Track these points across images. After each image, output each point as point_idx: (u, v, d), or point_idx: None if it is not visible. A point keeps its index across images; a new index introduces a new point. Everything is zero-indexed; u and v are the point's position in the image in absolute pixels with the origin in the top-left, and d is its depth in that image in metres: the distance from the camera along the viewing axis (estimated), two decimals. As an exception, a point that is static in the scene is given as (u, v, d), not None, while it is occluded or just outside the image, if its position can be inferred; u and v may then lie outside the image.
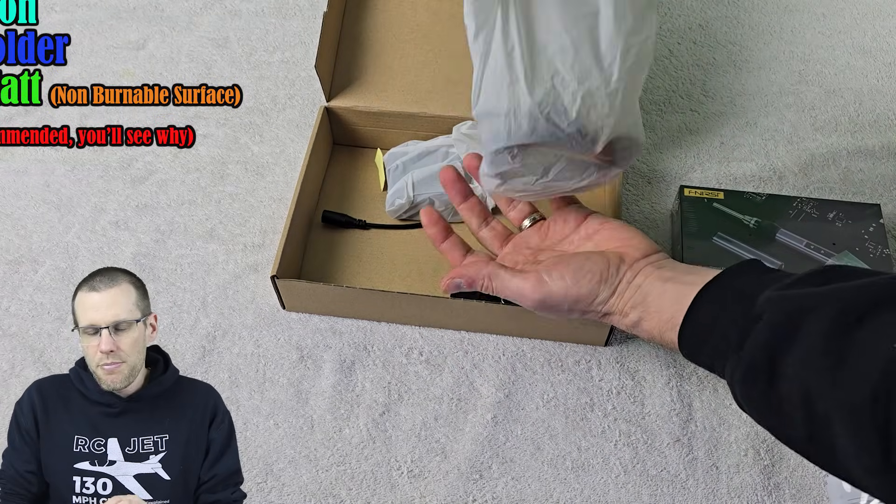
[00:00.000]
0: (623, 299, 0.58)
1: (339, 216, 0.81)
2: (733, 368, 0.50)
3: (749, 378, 0.48)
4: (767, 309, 0.49)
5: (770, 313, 0.48)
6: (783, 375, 0.46)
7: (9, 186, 0.86)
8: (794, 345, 0.46)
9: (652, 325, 0.57)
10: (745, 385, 0.49)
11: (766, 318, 0.48)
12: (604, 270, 0.59)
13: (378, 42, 0.85)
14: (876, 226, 0.75)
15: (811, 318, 0.46)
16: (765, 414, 0.49)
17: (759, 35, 0.98)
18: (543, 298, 0.59)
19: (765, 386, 0.47)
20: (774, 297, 0.49)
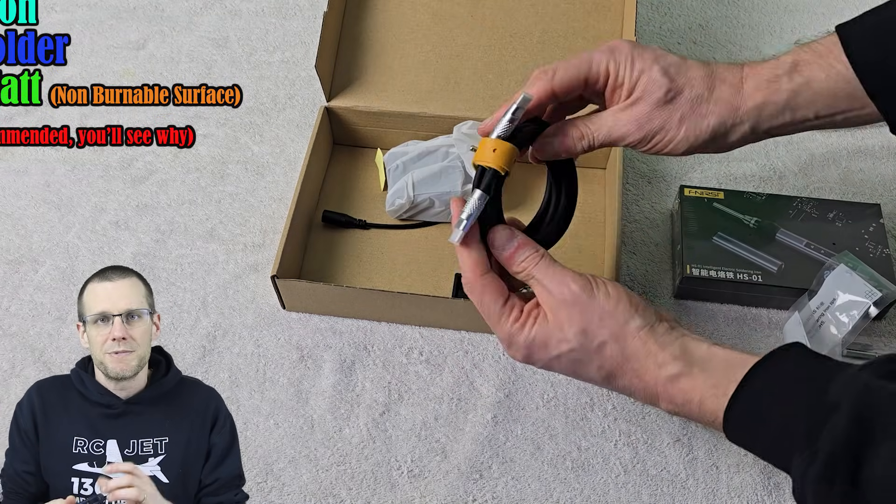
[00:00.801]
0: (661, 343, 0.52)
1: (339, 216, 0.81)
2: (806, 465, 0.44)
3: (826, 479, 0.42)
4: (846, 397, 0.43)
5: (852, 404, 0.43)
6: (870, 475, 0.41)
7: (9, 186, 0.86)
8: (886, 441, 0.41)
9: (694, 385, 0.51)
10: (821, 485, 0.43)
11: (847, 409, 0.43)
12: (644, 303, 0.54)
13: (378, 42, 0.85)
14: (876, 226, 0.75)
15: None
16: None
17: (759, 35, 0.98)
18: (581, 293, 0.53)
19: (846, 486, 0.42)
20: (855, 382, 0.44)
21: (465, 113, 0.81)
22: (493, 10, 0.85)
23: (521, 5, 0.85)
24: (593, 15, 0.85)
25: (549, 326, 0.54)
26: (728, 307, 0.77)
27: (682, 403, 0.52)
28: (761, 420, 0.48)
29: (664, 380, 0.52)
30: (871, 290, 0.68)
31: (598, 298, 0.53)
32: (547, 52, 0.83)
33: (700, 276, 0.73)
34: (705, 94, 0.55)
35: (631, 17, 0.80)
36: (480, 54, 0.84)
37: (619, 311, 0.53)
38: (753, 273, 0.73)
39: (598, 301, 0.53)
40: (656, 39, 0.98)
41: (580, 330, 0.53)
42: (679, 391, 0.51)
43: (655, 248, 0.81)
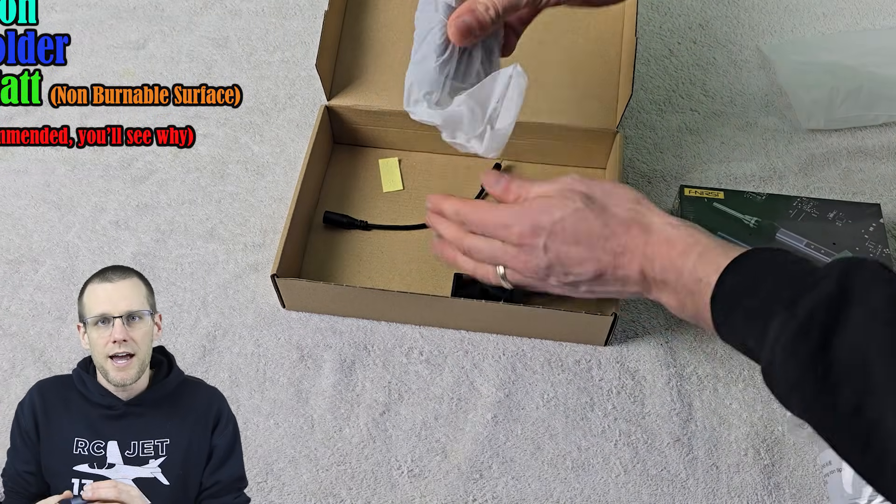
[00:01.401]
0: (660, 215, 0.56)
1: (340, 217, 0.81)
2: (782, 325, 0.45)
3: (800, 336, 0.43)
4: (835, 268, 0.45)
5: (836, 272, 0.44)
6: (840, 339, 0.42)
7: (9, 186, 0.86)
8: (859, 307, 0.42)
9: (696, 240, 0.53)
10: (792, 343, 0.44)
11: (835, 276, 0.44)
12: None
13: (379, 41, 0.85)
14: (876, 226, 0.75)
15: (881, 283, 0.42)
16: (802, 378, 0.43)
17: (759, 35, 0.99)
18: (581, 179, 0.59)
19: (815, 348, 0.43)
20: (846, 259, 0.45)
21: (465, 113, 0.81)
22: (493, 10, 0.85)
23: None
24: (594, 14, 0.85)
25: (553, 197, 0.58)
26: (728, 307, 0.76)
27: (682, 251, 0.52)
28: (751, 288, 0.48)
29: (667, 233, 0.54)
30: (871, 289, 0.67)
31: (598, 182, 0.58)
32: (547, 51, 0.83)
33: (700, 276, 0.73)
34: None
35: (631, 17, 0.80)
36: (480, 54, 0.84)
37: (621, 189, 0.58)
38: (753, 273, 0.73)
39: (599, 183, 0.58)
40: (656, 39, 0.98)
41: (585, 195, 0.57)
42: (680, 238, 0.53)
43: (655, 248, 0.80)
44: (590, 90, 0.82)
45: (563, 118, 0.80)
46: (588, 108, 0.81)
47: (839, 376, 0.42)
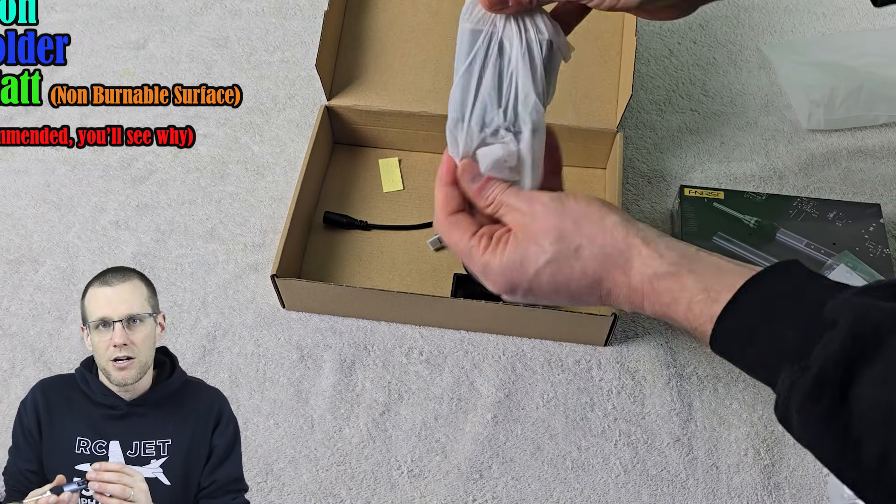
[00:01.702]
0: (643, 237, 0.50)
1: (340, 217, 0.81)
2: (794, 379, 0.43)
3: (815, 392, 0.41)
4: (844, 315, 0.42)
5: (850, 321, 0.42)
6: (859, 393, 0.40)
7: (9, 186, 0.86)
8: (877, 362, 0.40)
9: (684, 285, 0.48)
10: (808, 399, 0.42)
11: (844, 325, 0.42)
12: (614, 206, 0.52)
13: (379, 41, 0.85)
14: (876, 226, 0.75)
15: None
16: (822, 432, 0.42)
17: (759, 35, 0.98)
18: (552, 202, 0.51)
19: (832, 403, 0.41)
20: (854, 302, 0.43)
21: (465, 113, 0.81)
22: (493, 10, 0.85)
23: (521, 5, 0.85)
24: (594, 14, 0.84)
25: (522, 243, 0.52)
26: (728, 307, 0.76)
27: (669, 303, 0.48)
28: (752, 332, 0.46)
29: (650, 276, 0.49)
30: (871, 290, 0.67)
31: (570, 204, 0.51)
32: (547, 51, 0.83)
33: (700, 276, 0.73)
34: None
35: (631, 17, 0.80)
36: (480, 54, 0.84)
37: (593, 211, 0.51)
38: (753, 273, 0.73)
39: (570, 207, 0.51)
40: (656, 39, 0.98)
41: (556, 238, 0.51)
42: (666, 290, 0.48)
43: (655, 248, 0.80)
44: (590, 90, 0.82)
45: (563, 118, 0.80)
46: (588, 108, 0.81)
47: (861, 431, 0.40)
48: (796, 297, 0.45)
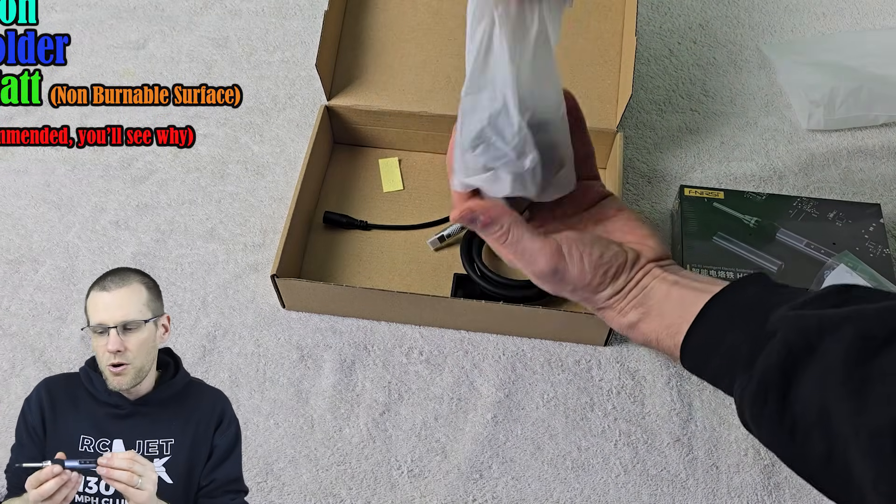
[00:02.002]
0: (626, 299, 0.56)
1: (340, 217, 0.81)
2: (743, 387, 0.48)
3: (760, 398, 0.47)
4: (782, 326, 0.47)
5: (785, 331, 0.47)
6: (798, 396, 0.45)
7: (9, 186, 0.86)
8: (811, 365, 0.45)
9: (650, 328, 0.55)
10: (755, 404, 0.47)
11: (781, 336, 0.47)
12: (619, 266, 0.56)
13: (379, 41, 0.85)
14: (876, 225, 0.75)
15: (830, 339, 0.44)
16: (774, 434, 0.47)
17: (759, 35, 0.99)
18: (554, 272, 0.55)
19: (777, 406, 0.46)
20: (790, 315, 0.48)
21: (465, 113, 0.81)
22: (493, 10, 0.85)
23: (521, 5, 0.85)
24: (594, 14, 0.85)
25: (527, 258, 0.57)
26: (728, 307, 0.76)
27: (644, 342, 0.57)
28: (711, 350, 0.51)
29: (626, 326, 0.57)
30: (871, 289, 0.67)
31: (571, 276, 0.56)
32: (547, 51, 0.83)
33: (700, 276, 0.73)
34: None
35: (631, 17, 0.80)
36: (480, 54, 0.84)
37: (592, 286, 0.56)
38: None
39: (570, 278, 0.56)
40: (656, 39, 0.98)
41: (555, 291, 0.58)
42: (640, 333, 0.56)
43: (655, 248, 0.80)
44: (590, 90, 0.82)
45: (563, 118, 0.80)
46: (588, 108, 0.81)
47: (805, 431, 0.45)
48: (748, 312, 0.51)
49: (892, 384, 0.42)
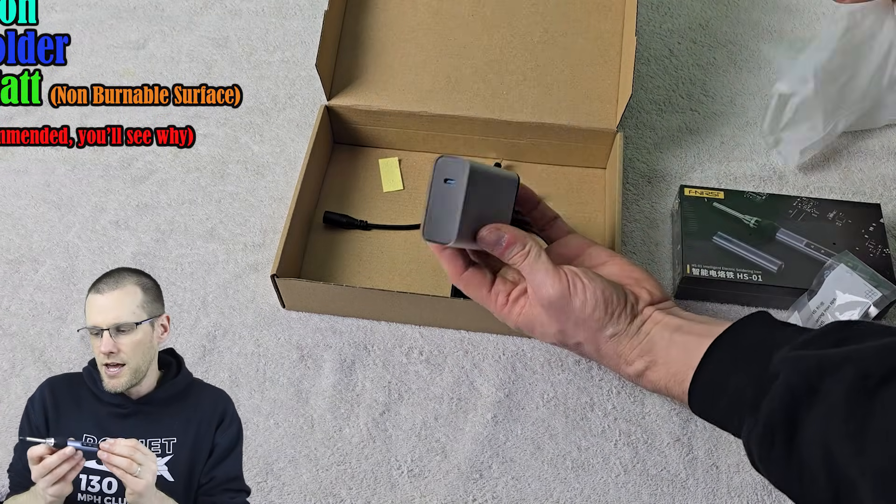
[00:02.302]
0: (630, 345, 0.58)
1: (340, 217, 0.81)
2: (749, 430, 0.48)
3: (766, 441, 0.47)
4: (783, 368, 0.48)
5: (787, 373, 0.47)
6: (803, 439, 0.45)
7: (9, 186, 0.86)
8: (814, 408, 0.45)
9: (658, 376, 0.57)
10: (762, 447, 0.48)
11: (783, 379, 0.47)
12: (621, 304, 0.58)
13: (379, 41, 0.85)
14: (876, 225, 0.75)
15: (830, 380, 0.45)
16: (783, 477, 0.47)
17: (759, 35, 0.99)
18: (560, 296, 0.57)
19: (783, 449, 0.46)
20: (791, 356, 0.48)
21: (465, 112, 0.81)
22: (493, 10, 0.85)
23: (522, 5, 0.85)
24: (594, 14, 0.85)
25: (533, 315, 0.60)
26: (728, 307, 0.77)
27: (653, 389, 0.59)
28: (717, 394, 0.53)
29: (633, 375, 0.59)
30: (871, 289, 0.68)
31: (574, 306, 0.58)
32: (547, 51, 0.83)
33: (700, 276, 0.73)
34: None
35: (631, 17, 0.80)
36: (481, 53, 0.84)
37: (594, 320, 0.58)
38: (753, 273, 0.73)
39: (573, 308, 0.58)
40: (656, 39, 0.98)
41: (558, 330, 0.60)
42: (648, 382, 0.58)
43: (655, 248, 0.81)
44: (590, 90, 0.82)
45: (563, 118, 0.81)
46: (588, 108, 0.81)
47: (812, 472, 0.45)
48: (751, 353, 0.52)
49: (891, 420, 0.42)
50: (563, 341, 0.60)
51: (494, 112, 0.81)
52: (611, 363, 0.60)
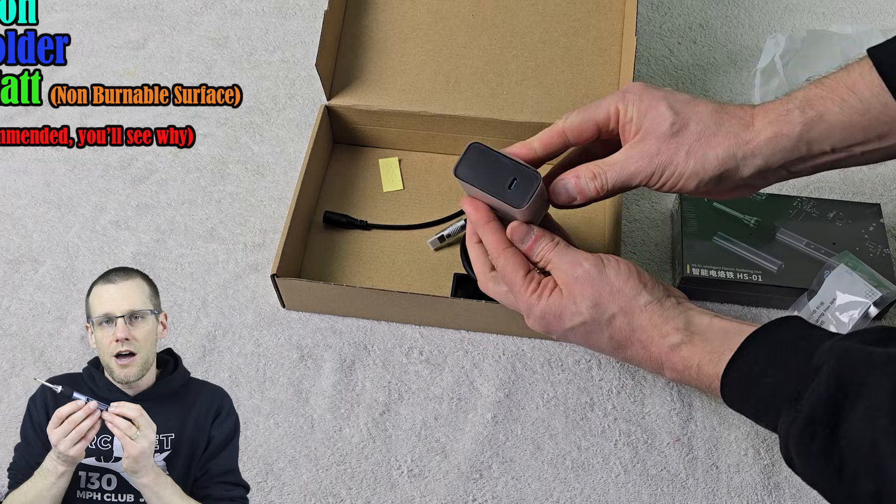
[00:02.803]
0: (665, 316, 0.56)
1: (340, 217, 0.81)
2: (789, 423, 0.47)
3: (807, 434, 0.45)
4: (828, 360, 0.46)
5: (833, 365, 0.46)
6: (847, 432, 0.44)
7: (9, 186, 0.86)
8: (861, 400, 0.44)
9: (693, 353, 0.54)
10: (801, 441, 0.46)
11: (828, 370, 0.46)
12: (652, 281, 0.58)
13: (379, 41, 0.85)
14: (876, 225, 0.75)
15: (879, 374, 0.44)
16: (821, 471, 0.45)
17: (759, 35, 0.98)
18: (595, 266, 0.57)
19: (824, 442, 0.45)
20: (837, 347, 0.47)
21: (465, 112, 0.81)
22: (494, 10, 0.85)
23: (522, 4, 0.85)
24: (594, 14, 0.85)
25: (563, 300, 0.58)
26: (728, 307, 0.77)
27: (683, 370, 0.55)
28: (753, 383, 0.51)
29: (667, 348, 0.56)
30: (871, 289, 0.68)
31: (609, 275, 0.57)
32: (548, 51, 0.83)
33: (700, 276, 0.73)
34: (713, 128, 0.56)
35: (632, 17, 0.80)
36: (481, 53, 0.84)
37: (629, 287, 0.57)
38: (753, 273, 0.73)
39: (608, 277, 0.57)
40: (656, 39, 0.98)
41: (592, 304, 0.57)
42: (680, 358, 0.55)
43: (655, 248, 0.81)
44: (590, 90, 0.82)
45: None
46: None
47: (853, 468, 0.43)
48: (791, 348, 0.50)
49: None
50: (597, 317, 0.57)
51: (494, 112, 0.81)
52: (643, 336, 0.57)
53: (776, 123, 0.55)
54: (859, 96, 0.53)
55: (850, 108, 0.53)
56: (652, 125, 0.57)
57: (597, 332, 0.58)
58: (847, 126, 0.54)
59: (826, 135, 0.54)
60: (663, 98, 0.57)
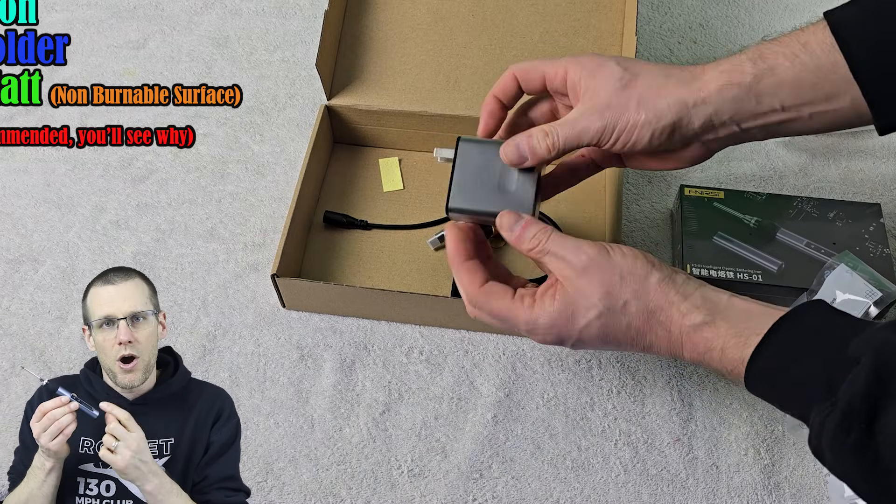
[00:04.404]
0: (681, 294, 0.53)
1: (340, 216, 0.81)
2: (824, 415, 0.45)
3: (843, 427, 0.44)
4: (868, 352, 0.44)
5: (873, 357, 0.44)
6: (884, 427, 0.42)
7: (9, 186, 0.86)
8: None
9: (715, 334, 0.51)
10: (836, 435, 0.44)
11: (868, 362, 0.44)
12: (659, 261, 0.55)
13: (379, 40, 0.85)
14: (876, 225, 0.75)
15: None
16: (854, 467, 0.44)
17: (759, 35, 0.98)
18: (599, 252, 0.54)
19: (861, 436, 0.43)
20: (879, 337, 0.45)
21: (465, 112, 0.81)
22: (494, 10, 0.85)
23: (522, 4, 0.85)
24: (594, 14, 0.85)
25: (571, 296, 0.55)
26: (728, 307, 0.76)
27: (705, 352, 0.52)
28: (783, 371, 0.48)
29: (688, 328, 0.53)
30: (871, 289, 0.68)
31: (616, 259, 0.54)
32: (548, 51, 0.83)
33: (700, 276, 0.73)
34: (661, 79, 0.56)
35: (632, 17, 0.80)
36: (481, 53, 0.84)
37: (638, 268, 0.54)
38: (753, 273, 0.73)
39: (615, 261, 0.54)
40: (656, 39, 0.98)
41: (604, 292, 0.54)
42: (702, 339, 0.52)
43: (655, 248, 0.81)
44: (590, 90, 0.82)
45: (564, 118, 0.80)
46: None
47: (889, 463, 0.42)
48: (822, 336, 0.48)
49: None
50: (611, 306, 0.54)
51: None
52: (662, 317, 0.53)
53: (727, 73, 0.55)
54: (810, 53, 0.53)
55: (801, 63, 0.53)
56: (602, 82, 0.56)
57: (613, 323, 0.54)
58: (796, 83, 0.54)
59: (776, 89, 0.54)
60: (611, 58, 0.58)
